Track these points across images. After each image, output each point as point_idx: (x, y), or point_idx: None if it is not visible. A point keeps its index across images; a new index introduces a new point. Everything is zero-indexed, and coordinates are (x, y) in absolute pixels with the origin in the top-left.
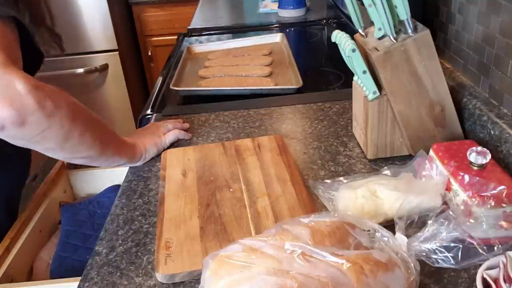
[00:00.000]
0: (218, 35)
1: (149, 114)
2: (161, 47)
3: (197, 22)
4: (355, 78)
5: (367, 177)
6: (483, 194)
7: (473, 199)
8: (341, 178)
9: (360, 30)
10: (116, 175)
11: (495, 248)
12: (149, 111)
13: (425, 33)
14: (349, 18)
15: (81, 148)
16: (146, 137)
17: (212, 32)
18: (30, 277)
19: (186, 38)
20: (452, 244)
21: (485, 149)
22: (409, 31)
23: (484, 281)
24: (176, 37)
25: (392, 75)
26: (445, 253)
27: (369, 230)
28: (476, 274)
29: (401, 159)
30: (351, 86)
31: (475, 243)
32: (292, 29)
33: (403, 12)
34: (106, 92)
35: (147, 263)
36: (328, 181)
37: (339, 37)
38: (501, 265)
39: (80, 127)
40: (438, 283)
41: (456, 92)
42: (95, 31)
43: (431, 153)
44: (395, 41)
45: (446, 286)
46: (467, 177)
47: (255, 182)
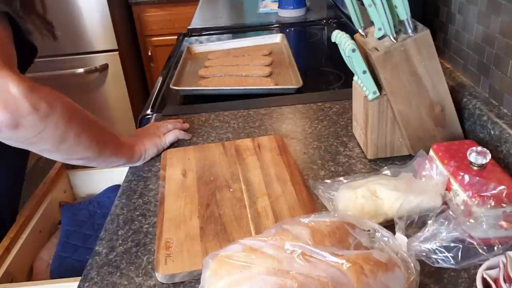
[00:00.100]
0: (218, 35)
1: (149, 114)
2: (161, 47)
3: (197, 22)
4: (355, 78)
5: (367, 177)
6: (483, 194)
7: (473, 199)
8: (341, 178)
9: (360, 30)
10: (116, 175)
11: (495, 248)
12: (149, 111)
13: (425, 33)
14: (349, 18)
15: (78, 149)
16: (146, 137)
17: (212, 32)
18: (30, 277)
19: (186, 38)
20: (452, 244)
21: (485, 149)
22: (409, 31)
23: (484, 281)
24: (176, 37)
25: (392, 75)
26: (445, 253)
27: (369, 230)
28: (476, 274)
29: (401, 159)
30: (351, 86)
31: (475, 243)
32: (292, 29)
33: (403, 12)
34: (106, 92)
35: (147, 263)
36: (328, 181)
37: (339, 37)
38: (501, 265)
39: (76, 129)
40: (438, 283)
41: (456, 92)
42: (95, 31)
43: (431, 153)
44: (395, 41)
45: (446, 286)
46: (467, 177)
47: (255, 182)
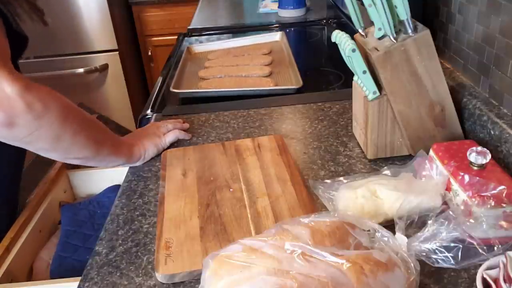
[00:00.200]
0: (218, 35)
1: (149, 114)
2: (161, 47)
3: (197, 22)
4: (355, 78)
5: (367, 177)
6: (483, 194)
7: (473, 199)
8: (341, 178)
9: (360, 30)
10: (116, 175)
11: (495, 248)
12: (149, 111)
13: (425, 33)
14: (349, 18)
15: (75, 148)
16: (146, 137)
17: (212, 32)
18: (30, 277)
19: (186, 38)
20: (452, 244)
21: (485, 149)
22: (409, 31)
23: (484, 281)
24: (176, 37)
25: (392, 75)
26: (445, 253)
27: (369, 230)
28: (476, 274)
29: (401, 159)
30: (351, 86)
31: (475, 243)
32: (292, 29)
33: (403, 12)
34: (106, 92)
35: (147, 263)
36: (328, 181)
37: (339, 37)
38: (501, 265)
39: (73, 128)
40: (438, 283)
41: (456, 92)
42: (95, 31)
43: (431, 153)
44: (395, 41)
45: (446, 286)
46: (467, 177)
47: (255, 182)
